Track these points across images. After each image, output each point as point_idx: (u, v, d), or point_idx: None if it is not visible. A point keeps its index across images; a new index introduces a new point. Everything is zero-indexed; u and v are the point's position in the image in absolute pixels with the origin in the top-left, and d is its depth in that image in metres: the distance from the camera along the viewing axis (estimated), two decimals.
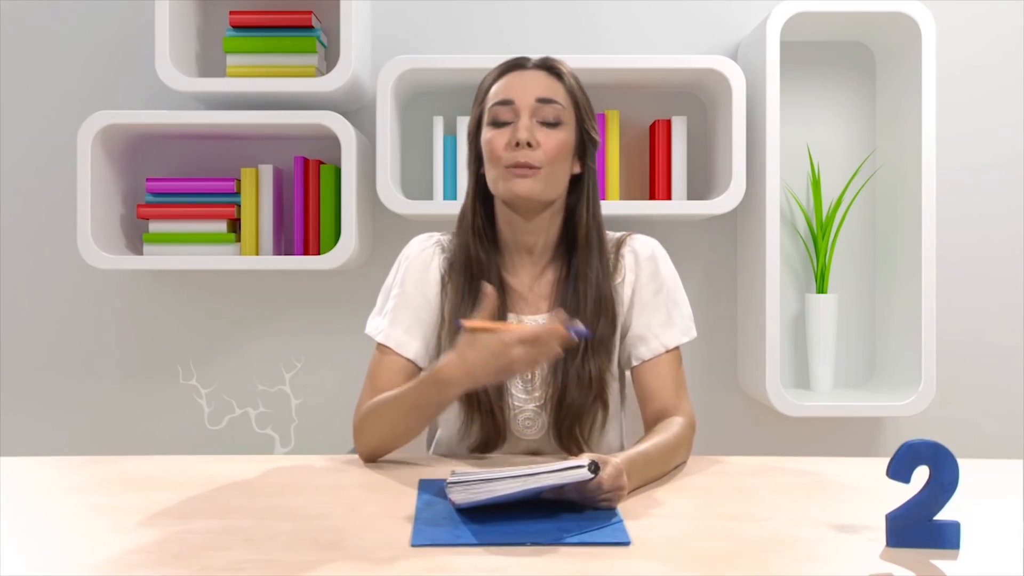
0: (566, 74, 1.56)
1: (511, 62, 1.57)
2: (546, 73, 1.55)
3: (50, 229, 2.58)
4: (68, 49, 2.58)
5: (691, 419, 1.54)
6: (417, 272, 1.60)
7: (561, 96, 1.53)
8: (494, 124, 1.53)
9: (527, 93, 1.52)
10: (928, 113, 2.32)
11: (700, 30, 2.58)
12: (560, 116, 1.52)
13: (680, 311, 1.60)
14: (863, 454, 2.57)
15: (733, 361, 2.60)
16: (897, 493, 1.18)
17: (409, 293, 1.59)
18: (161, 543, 1.09)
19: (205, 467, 1.48)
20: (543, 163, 1.50)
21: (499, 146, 1.51)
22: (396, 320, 1.58)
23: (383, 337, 1.58)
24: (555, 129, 1.52)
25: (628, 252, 1.60)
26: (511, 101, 1.52)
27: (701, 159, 2.57)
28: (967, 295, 2.58)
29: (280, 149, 2.57)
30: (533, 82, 1.53)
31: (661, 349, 1.56)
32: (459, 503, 1.18)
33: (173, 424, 2.58)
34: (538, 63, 1.56)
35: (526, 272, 1.59)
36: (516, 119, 1.51)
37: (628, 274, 1.59)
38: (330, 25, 2.52)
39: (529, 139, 1.49)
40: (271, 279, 2.59)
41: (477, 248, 1.56)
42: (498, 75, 1.56)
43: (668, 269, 1.61)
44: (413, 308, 1.58)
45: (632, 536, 1.11)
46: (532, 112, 1.51)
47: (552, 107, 1.52)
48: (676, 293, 1.60)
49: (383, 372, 1.56)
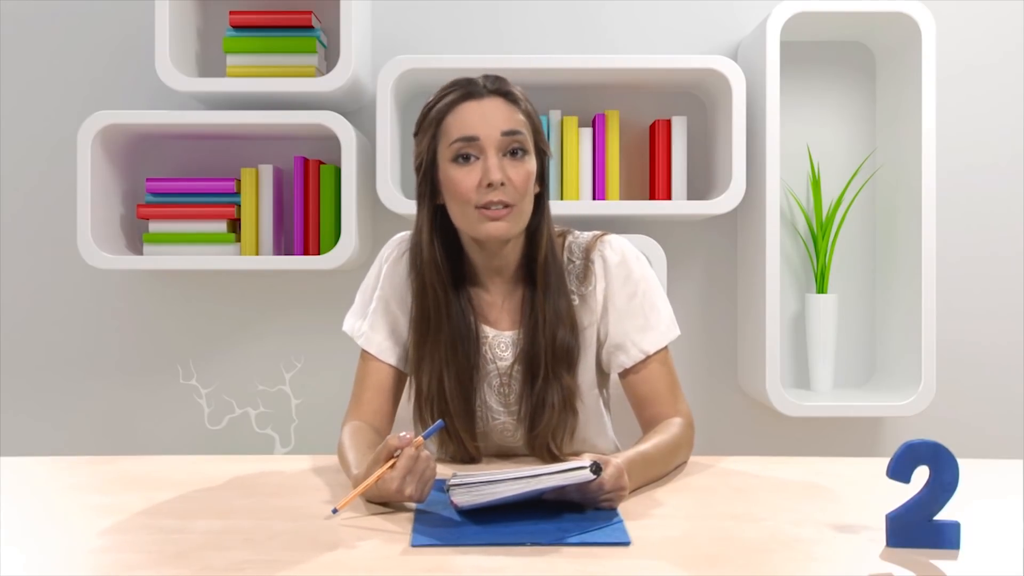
0: (520, 97, 1.49)
1: (461, 90, 1.48)
2: (503, 100, 1.47)
3: (50, 229, 2.58)
4: (68, 49, 2.58)
5: (689, 419, 1.54)
6: (395, 278, 1.58)
7: (521, 124, 1.47)
8: (457, 160, 1.46)
9: (490, 127, 1.45)
10: (928, 113, 2.32)
11: (700, 30, 2.58)
12: (524, 145, 1.47)
13: (658, 313, 1.56)
14: (863, 454, 2.57)
15: (733, 361, 2.60)
16: (897, 493, 1.18)
17: (388, 298, 1.58)
18: (161, 543, 1.09)
19: (205, 467, 1.48)
20: (515, 199, 1.45)
21: (469, 187, 1.44)
22: (376, 325, 1.58)
23: (364, 341, 1.58)
24: (521, 160, 1.46)
25: (597, 258, 1.56)
26: (476, 137, 1.44)
27: (701, 159, 2.57)
28: (967, 295, 2.58)
29: (280, 149, 2.57)
30: (493, 113, 1.46)
31: (641, 356, 1.54)
32: (461, 505, 1.18)
33: (173, 424, 2.58)
34: (493, 88, 1.48)
35: (496, 289, 1.56)
36: (482, 155, 1.45)
37: (599, 282, 1.55)
38: (330, 25, 2.52)
39: (502, 179, 1.44)
40: (271, 279, 2.59)
41: (435, 285, 1.51)
42: (451, 104, 1.47)
43: (641, 271, 1.56)
44: (392, 315, 1.58)
45: (632, 536, 1.11)
46: (498, 147, 1.45)
47: (516, 138, 1.46)
48: (652, 295, 1.56)
49: (368, 381, 1.57)
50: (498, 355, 1.54)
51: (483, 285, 1.56)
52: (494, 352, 1.54)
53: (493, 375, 1.54)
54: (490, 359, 1.54)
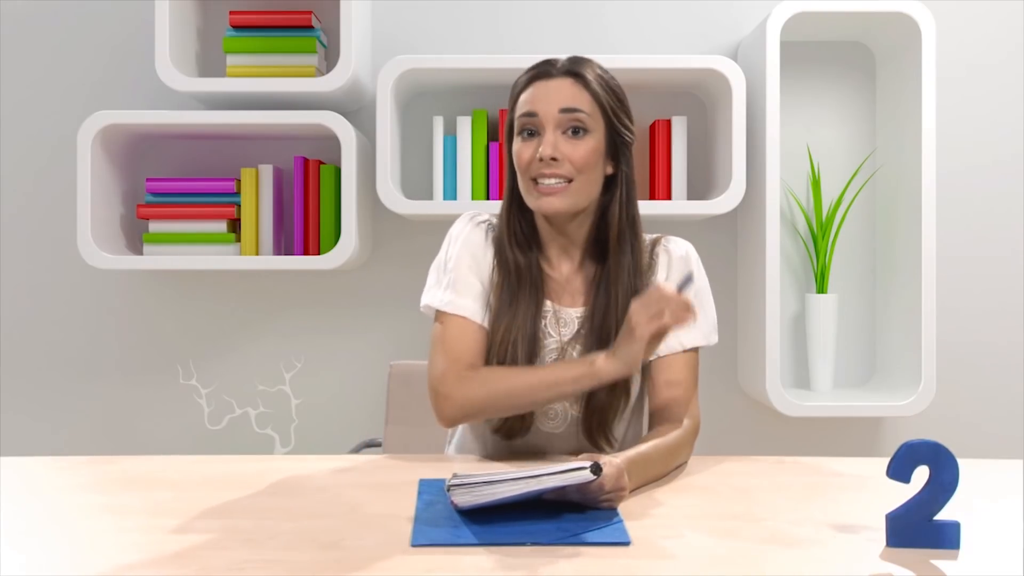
0: (592, 79, 1.54)
1: (538, 68, 1.56)
2: (572, 80, 1.53)
3: (50, 229, 2.58)
4: (68, 49, 2.58)
5: (696, 422, 1.55)
6: (471, 250, 1.61)
7: (586, 103, 1.52)
8: (522, 135, 1.54)
9: (551, 104, 1.51)
10: (928, 113, 2.32)
11: (700, 30, 2.58)
12: (585, 124, 1.52)
13: (705, 315, 1.61)
14: (863, 454, 2.57)
15: (733, 361, 2.60)
16: (897, 493, 1.18)
17: (466, 269, 1.60)
18: (161, 543, 1.09)
19: (205, 467, 1.48)
20: (572, 174, 1.51)
21: (526, 158, 1.53)
22: (461, 291, 1.59)
23: (453, 308, 1.57)
24: (581, 138, 1.52)
25: (662, 251, 1.62)
26: (535, 114, 1.52)
27: (701, 159, 2.57)
28: (967, 295, 2.58)
29: (280, 149, 2.57)
30: (557, 91, 1.52)
31: (679, 347, 1.57)
32: (461, 505, 1.18)
33: (173, 424, 2.58)
34: (565, 68, 1.54)
35: (565, 265, 1.61)
36: (542, 131, 1.52)
37: (660, 271, 1.61)
38: (330, 25, 2.52)
39: (554, 154, 1.50)
40: (271, 279, 2.59)
41: (515, 252, 1.58)
42: (526, 83, 1.56)
43: (699, 272, 1.63)
44: (472, 283, 1.59)
45: (632, 536, 1.11)
46: (557, 123, 1.51)
47: (576, 116, 1.51)
48: (703, 296, 1.62)
49: (461, 336, 1.56)
50: (561, 331, 1.57)
51: (552, 260, 1.61)
52: (556, 328, 1.57)
53: (553, 350, 1.56)
54: (551, 334, 1.57)
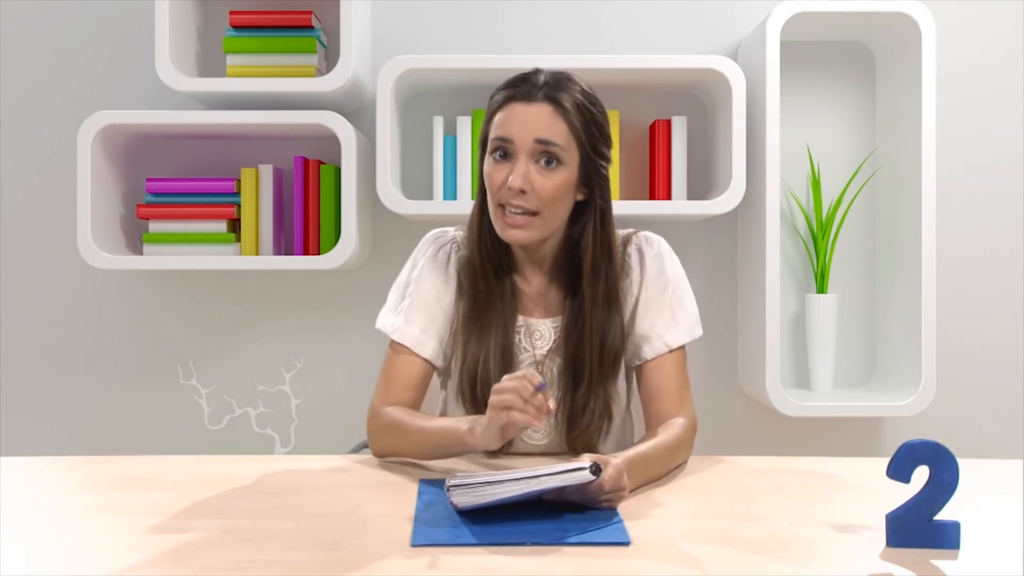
0: (570, 108, 1.48)
1: (517, 87, 1.50)
2: (551, 109, 1.48)
3: (50, 229, 2.58)
4: (68, 49, 2.58)
5: (693, 420, 1.54)
6: (433, 272, 1.60)
7: (561, 136, 1.48)
8: (495, 155, 1.50)
9: (526, 132, 1.47)
10: (928, 113, 2.32)
11: (700, 30, 2.58)
12: (559, 156, 1.48)
13: (686, 310, 1.59)
14: (863, 454, 2.57)
15: (733, 361, 2.60)
16: (897, 493, 1.18)
17: (425, 292, 1.59)
18: (161, 543, 1.09)
19: (205, 467, 1.48)
20: (539, 208, 1.48)
21: (496, 182, 1.49)
22: (412, 319, 1.58)
23: (399, 336, 1.57)
24: (554, 169, 1.48)
25: (634, 251, 1.60)
26: (510, 140, 1.48)
27: (701, 159, 2.57)
28: (967, 295, 2.57)
29: (280, 149, 2.57)
30: (536, 120, 1.47)
31: (664, 349, 1.56)
32: (461, 505, 1.18)
33: (173, 424, 2.58)
34: (544, 93, 1.48)
35: (537, 279, 1.60)
36: (514, 157, 1.48)
37: (634, 273, 1.59)
38: (330, 25, 2.52)
39: (523, 186, 1.46)
40: (271, 279, 2.59)
41: (485, 265, 1.56)
42: (503, 101, 1.51)
43: (674, 267, 1.60)
44: (428, 307, 1.58)
45: (632, 536, 1.11)
46: (530, 152, 1.47)
47: (550, 148, 1.47)
48: (682, 291, 1.60)
49: (400, 371, 1.57)
50: (535, 344, 1.57)
51: (524, 273, 1.60)
52: (530, 341, 1.57)
53: (528, 365, 1.56)
54: (525, 348, 1.57)
